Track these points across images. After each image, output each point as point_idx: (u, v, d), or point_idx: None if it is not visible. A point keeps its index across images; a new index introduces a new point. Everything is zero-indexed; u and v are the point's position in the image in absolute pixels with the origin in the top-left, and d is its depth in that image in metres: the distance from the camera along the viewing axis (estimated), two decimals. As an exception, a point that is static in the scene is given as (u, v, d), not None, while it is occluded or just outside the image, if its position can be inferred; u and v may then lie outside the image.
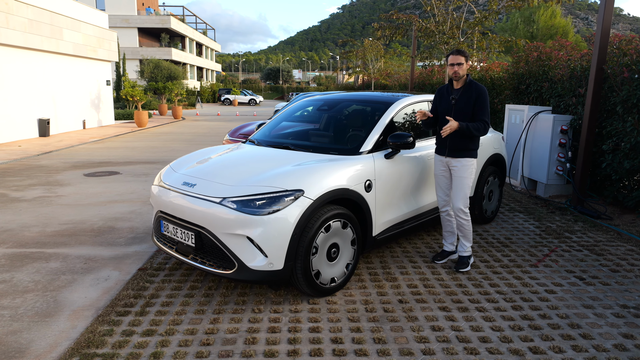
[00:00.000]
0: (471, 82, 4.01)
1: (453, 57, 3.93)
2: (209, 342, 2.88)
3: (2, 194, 6.74)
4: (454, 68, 3.92)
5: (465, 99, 3.94)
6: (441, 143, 4.11)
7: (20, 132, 13.39)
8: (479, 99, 3.91)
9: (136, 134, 16.01)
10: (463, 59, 3.92)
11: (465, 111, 3.93)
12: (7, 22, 12.34)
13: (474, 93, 3.93)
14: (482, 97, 3.92)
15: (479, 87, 3.96)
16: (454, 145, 4.00)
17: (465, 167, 4.02)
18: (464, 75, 3.97)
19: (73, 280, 3.80)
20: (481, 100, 3.92)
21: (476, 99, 3.92)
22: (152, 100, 31.03)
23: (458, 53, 3.94)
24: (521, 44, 9.45)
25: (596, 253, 4.56)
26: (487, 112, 3.94)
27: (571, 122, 6.61)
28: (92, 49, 17.32)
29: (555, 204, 6.40)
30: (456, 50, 3.98)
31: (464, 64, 3.93)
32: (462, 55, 3.92)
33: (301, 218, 3.20)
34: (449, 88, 4.10)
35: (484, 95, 3.93)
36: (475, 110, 3.93)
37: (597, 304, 3.47)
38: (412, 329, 3.07)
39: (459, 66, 3.91)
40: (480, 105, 3.92)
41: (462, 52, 3.94)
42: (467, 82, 4.00)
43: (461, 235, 4.13)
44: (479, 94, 3.92)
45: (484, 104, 3.93)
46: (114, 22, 42.95)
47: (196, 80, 55.90)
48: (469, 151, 4.02)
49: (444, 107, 4.07)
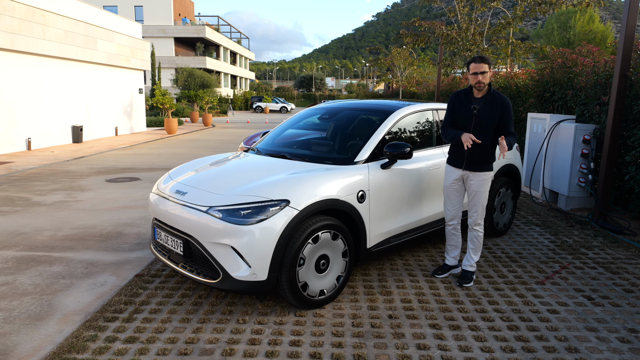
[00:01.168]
0: (495, 92, 3.81)
1: (475, 65, 3.70)
2: (186, 352, 2.86)
3: (25, 198, 7.01)
4: (477, 77, 3.70)
5: (490, 111, 3.75)
6: (458, 154, 3.89)
7: (54, 138, 13.97)
8: (505, 111, 3.76)
9: (164, 141, 16.41)
10: (486, 67, 3.70)
11: (488, 123, 3.75)
12: (44, 33, 12.95)
13: (499, 105, 3.75)
14: (507, 109, 3.77)
15: (503, 99, 3.78)
16: (472, 158, 3.81)
17: (484, 182, 3.87)
18: (487, 84, 3.77)
19: (71, 285, 3.88)
20: (507, 112, 3.77)
21: (502, 111, 3.75)
22: (185, 107, 31.84)
23: (481, 60, 3.72)
24: (547, 50, 9.12)
25: (611, 271, 4.29)
26: (512, 124, 3.82)
27: (594, 132, 6.30)
28: (125, 58, 17.94)
29: (576, 218, 6.09)
30: (478, 58, 3.75)
31: (487, 72, 3.71)
32: (485, 63, 3.70)
33: (286, 228, 3.15)
34: (468, 94, 3.88)
35: (509, 106, 3.78)
36: (503, 123, 3.77)
37: (602, 326, 3.25)
38: (397, 347, 2.95)
39: (482, 75, 3.69)
40: (507, 117, 3.77)
41: (484, 59, 3.73)
42: (491, 93, 3.80)
43: (472, 248, 3.98)
44: (505, 106, 3.76)
45: (510, 116, 3.79)
46: (152, 32, 44.45)
47: (230, 88, 57.01)
48: (488, 164, 3.86)
49: (463, 116, 3.84)
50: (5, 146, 11.95)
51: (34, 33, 12.57)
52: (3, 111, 11.85)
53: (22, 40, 12.14)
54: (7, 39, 11.60)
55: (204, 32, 45.99)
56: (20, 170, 9.51)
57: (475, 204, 3.92)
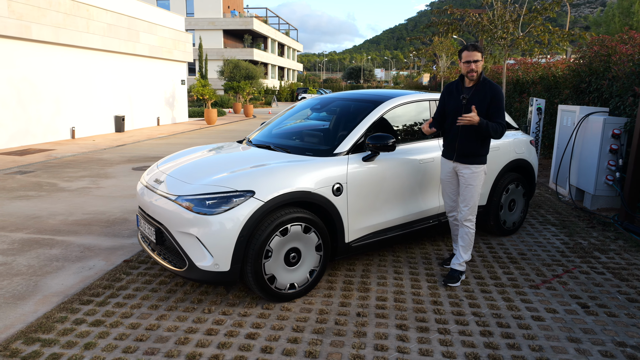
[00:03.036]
0: (485, 80, 3.66)
1: (468, 53, 3.58)
2: (142, 339, 2.90)
3: (53, 184, 7.41)
4: (470, 66, 3.57)
5: (478, 100, 3.59)
6: (449, 146, 3.79)
7: (98, 127, 14.68)
8: (494, 100, 3.57)
9: (202, 131, 16.83)
10: (479, 55, 3.58)
11: (480, 113, 3.58)
12: (88, 27, 13.58)
13: (489, 93, 3.58)
14: (497, 97, 3.57)
15: (493, 87, 3.61)
16: (463, 149, 3.68)
17: (474, 175, 3.68)
18: (479, 73, 3.62)
19: (61, 267, 4.05)
20: (497, 101, 3.58)
21: (491, 100, 3.57)
22: (231, 98, 32.50)
23: (474, 49, 3.60)
24: (587, 38, 8.46)
25: (620, 278, 3.93)
26: (503, 113, 3.61)
27: (625, 125, 5.79)
28: (167, 50, 18.51)
29: (600, 218, 5.64)
30: (471, 45, 3.64)
31: (480, 61, 3.58)
32: (477, 51, 3.58)
33: (249, 220, 3.11)
34: (459, 85, 3.75)
35: (499, 95, 3.58)
36: (491, 112, 3.59)
37: (588, 337, 2.98)
38: (353, 346, 2.85)
39: (475, 64, 3.56)
40: (496, 106, 3.58)
41: (477, 48, 3.61)
42: (481, 81, 3.64)
43: (462, 246, 3.79)
44: (494, 94, 3.57)
45: (500, 104, 3.59)
46: (202, 25, 45.65)
47: (277, 80, 57.60)
48: (479, 157, 3.69)
49: (453, 107, 3.72)
50: (50, 135, 12.69)
51: (78, 27, 13.20)
52: (48, 102, 12.57)
53: (67, 33, 12.79)
54: (52, 33, 12.26)
55: (251, 24, 46.64)
56: (58, 158, 10.07)
57: (466, 198, 3.71)
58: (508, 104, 12.37)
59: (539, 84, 10.01)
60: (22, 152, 10.71)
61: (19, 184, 7.36)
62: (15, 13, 11.03)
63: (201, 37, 40.21)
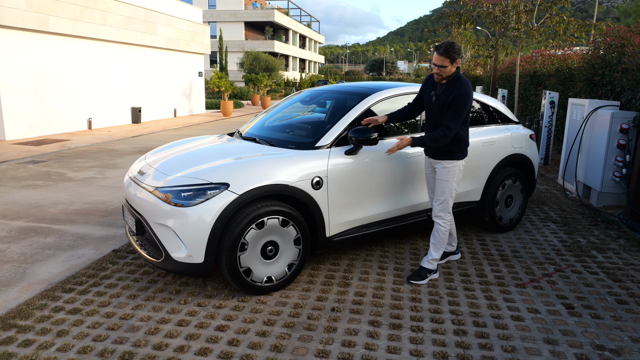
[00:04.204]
0: (456, 79, 3.44)
1: (436, 56, 3.38)
2: (114, 327, 2.94)
3: (61, 173, 7.58)
4: (435, 69, 3.41)
5: (444, 98, 3.45)
6: None
7: (115, 118, 14.95)
8: (453, 101, 3.36)
9: (217, 123, 16.97)
10: (447, 61, 3.33)
11: (442, 111, 3.47)
12: (105, 19, 13.79)
13: (453, 93, 3.38)
14: (457, 99, 3.35)
15: (460, 87, 3.38)
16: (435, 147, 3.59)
17: (446, 170, 3.59)
18: (449, 74, 3.42)
19: (52, 256, 4.14)
20: (456, 103, 3.35)
21: (452, 100, 3.37)
22: (250, 90, 32.65)
23: (442, 52, 3.33)
24: (603, 28, 8.12)
25: (613, 278, 3.78)
26: (456, 117, 3.36)
27: (634, 120, 5.55)
28: (185, 42, 18.67)
29: (604, 216, 5.45)
30: (443, 49, 3.34)
31: (448, 67, 3.35)
32: (446, 57, 3.32)
33: (223, 212, 3.11)
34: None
35: (460, 98, 3.35)
36: (447, 112, 3.41)
37: (566, 339, 2.88)
38: (321, 341, 2.83)
39: (440, 69, 3.37)
40: (454, 108, 3.36)
41: (447, 52, 3.33)
42: (452, 79, 3.44)
43: (432, 243, 3.70)
44: (456, 96, 3.35)
45: (456, 108, 3.35)
46: (223, 17, 45.88)
47: (297, 72, 57.53)
48: (450, 153, 3.57)
49: (426, 102, 3.65)
50: (67, 125, 13.00)
51: (95, 19, 13.43)
52: (66, 93, 12.86)
53: (84, 26, 13.02)
54: (70, 25, 12.50)
55: (272, 16, 46.63)
56: (72, 148, 10.30)
57: (437, 193, 3.64)
58: (524, 97, 12.04)
59: (554, 77, 9.70)
60: (38, 142, 11.00)
61: (30, 173, 7.56)
62: (33, 6, 11.29)
63: (221, 29, 40.45)
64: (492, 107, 4.86)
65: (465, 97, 3.36)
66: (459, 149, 3.57)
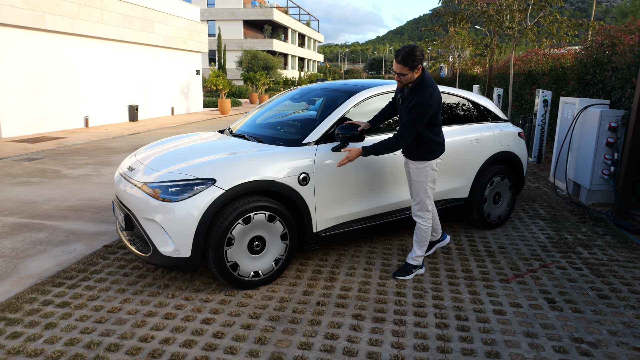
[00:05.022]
0: (418, 85, 3.34)
1: (395, 64, 3.32)
2: (101, 320, 2.99)
3: (56, 170, 7.63)
4: (396, 77, 3.37)
5: (407, 103, 3.41)
6: None
7: (111, 116, 14.98)
8: (412, 109, 3.29)
9: (214, 121, 17.00)
10: (405, 69, 3.24)
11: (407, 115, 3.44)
12: (102, 17, 13.82)
13: (413, 100, 3.31)
14: (416, 107, 3.26)
15: (420, 95, 3.27)
16: (406, 147, 3.62)
17: (418, 171, 3.60)
18: (411, 81, 3.36)
19: (43, 251, 4.19)
20: (414, 111, 3.27)
21: (411, 107, 3.31)
22: (249, 89, 32.69)
23: (401, 61, 3.24)
24: (595, 27, 8.17)
25: (597, 274, 3.84)
26: (412, 125, 3.29)
27: (622, 118, 5.60)
28: (182, 40, 18.69)
29: (593, 213, 5.50)
30: (401, 57, 3.23)
31: (408, 75, 3.28)
32: (404, 65, 3.24)
33: (210, 207, 3.16)
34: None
35: (419, 106, 3.25)
36: (407, 117, 3.34)
37: (545, 333, 2.93)
38: (304, 334, 2.88)
39: (401, 76, 3.31)
40: (412, 115, 3.28)
41: (405, 61, 3.23)
42: (415, 85, 3.36)
43: (415, 241, 3.75)
44: (415, 104, 3.26)
45: (415, 115, 3.27)
46: (222, 15, 45.89)
47: (296, 70, 57.56)
48: (420, 154, 3.54)
49: (397, 104, 3.61)
50: (64, 123, 13.03)
51: (93, 17, 13.45)
52: (63, 91, 12.89)
53: (81, 24, 13.05)
54: (67, 23, 12.53)
55: (271, 14, 46.66)
56: (68, 145, 10.34)
57: (413, 193, 3.68)
58: (519, 95, 12.09)
59: (548, 76, 9.75)
60: (35, 139, 11.04)
61: (25, 170, 7.60)
62: (29, 4, 11.31)
63: (220, 27, 40.49)
64: (482, 105, 4.91)
65: (424, 107, 3.26)
66: (428, 150, 3.52)
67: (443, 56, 22.78)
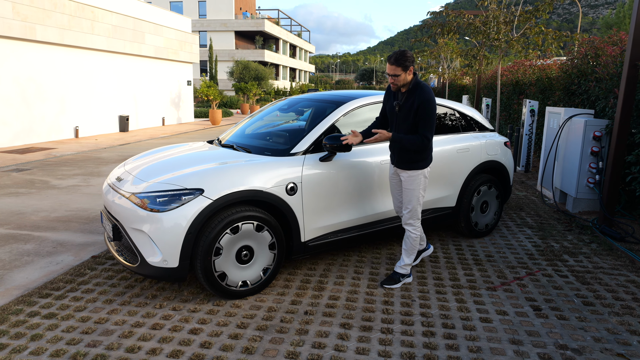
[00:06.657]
0: (416, 86, 3.47)
1: (388, 66, 3.43)
2: (88, 331, 2.98)
3: (45, 181, 7.58)
4: (390, 79, 3.46)
5: (407, 107, 3.49)
6: (391, 151, 3.76)
7: (102, 127, 14.94)
8: (420, 109, 3.40)
9: (205, 131, 17.01)
10: (399, 70, 3.35)
11: (406, 120, 3.52)
12: (93, 28, 13.84)
13: (416, 101, 3.41)
14: (423, 106, 3.38)
15: (422, 94, 3.40)
16: (399, 157, 3.65)
17: (411, 179, 3.65)
18: (405, 84, 3.47)
19: (30, 262, 4.16)
20: (422, 110, 3.40)
21: (417, 108, 3.42)
22: (240, 99, 32.76)
23: (393, 62, 3.35)
24: (578, 39, 8.35)
25: (582, 281, 3.89)
26: (429, 124, 3.42)
27: (606, 127, 5.71)
28: (173, 51, 18.74)
29: (579, 222, 5.58)
30: (394, 58, 3.36)
31: (401, 75, 3.39)
32: (397, 66, 3.34)
33: (197, 217, 3.17)
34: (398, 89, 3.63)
35: (425, 104, 3.38)
36: (417, 121, 3.46)
37: (530, 340, 2.96)
38: (292, 343, 2.88)
39: (395, 78, 3.41)
40: (422, 115, 3.41)
41: (398, 60, 3.34)
42: (412, 87, 3.47)
43: (404, 249, 3.78)
44: (421, 103, 3.39)
45: (425, 114, 3.40)
46: (214, 26, 46.07)
47: (288, 81, 57.81)
48: (415, 163, 3.60)
49: (389, 112, 3.69)
50: (54, 134, 12.97)
51: (83, 28, 13.47)
52: (53, 101, 12.85)
53: (72, 35, 13.05)
54: (57, 34, 12.53)
55: (263, 25, 46.93)
56: (57, 156, 10.29)
57: (405, 202, 3.71)
58: (507, 105, 12.26)
59: (535, 86, 9.91)
60: (24, 150, 10.97)
61: (13, 181, 7.55)
62: (20, 15, 11.31)
63: (211, 38, 40.63)
64: (469, 115, 4.99)
65: (429, 104, 3.39)
66: (423, 157, 3.59)
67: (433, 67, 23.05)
